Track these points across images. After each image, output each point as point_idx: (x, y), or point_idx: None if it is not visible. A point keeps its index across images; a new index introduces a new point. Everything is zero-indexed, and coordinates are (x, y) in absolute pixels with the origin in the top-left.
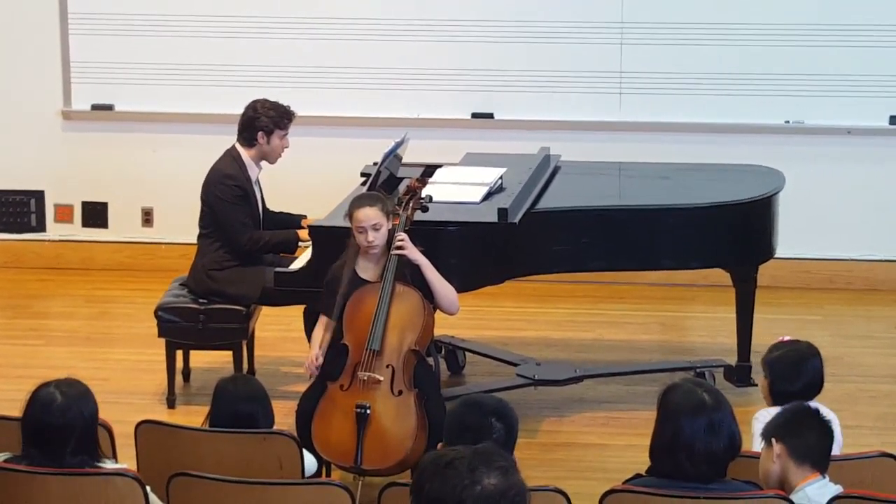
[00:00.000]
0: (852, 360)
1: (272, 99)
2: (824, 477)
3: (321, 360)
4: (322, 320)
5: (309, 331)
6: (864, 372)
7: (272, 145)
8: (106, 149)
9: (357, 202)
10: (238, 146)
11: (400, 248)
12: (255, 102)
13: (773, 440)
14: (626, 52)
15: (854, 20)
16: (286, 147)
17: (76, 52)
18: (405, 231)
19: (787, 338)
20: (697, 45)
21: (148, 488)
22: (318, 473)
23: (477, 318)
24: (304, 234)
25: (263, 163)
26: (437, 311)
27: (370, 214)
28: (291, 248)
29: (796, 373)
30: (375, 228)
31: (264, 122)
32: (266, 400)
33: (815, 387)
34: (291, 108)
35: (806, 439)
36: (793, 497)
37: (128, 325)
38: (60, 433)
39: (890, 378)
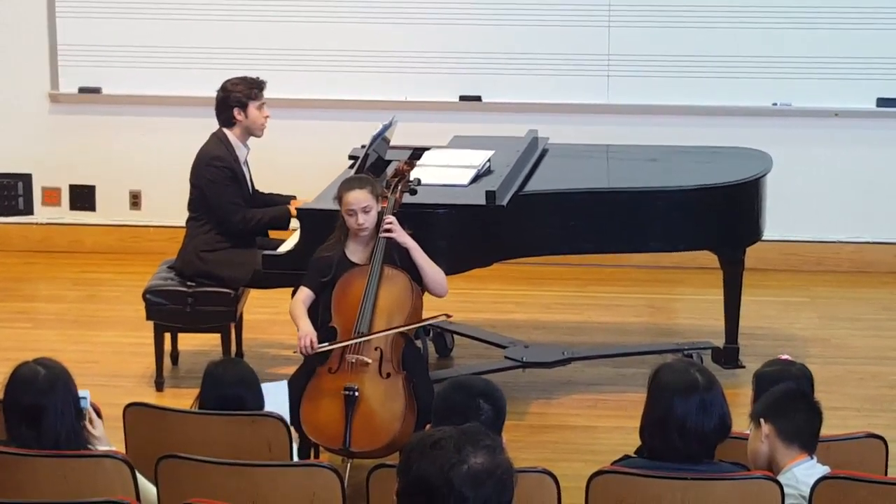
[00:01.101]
0: (840, 342)
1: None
2: (812, 458)
3: (316, 343)
4: (302, 293)
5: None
6: (851, 354)
7: (251, 118)
8: (93, 132)
9: (346, 185)
10: (225, 129)
11: (388, 230)
12: (224, 83)
13: (762, 420)
14: (614, 35)
15: (842, 3)
16: (266, 116)
17: (64, 35)
18: (394, 214)
19: (785, 356)
20: (685, 27)
21: (136, 471)
22: (305, 455)
23: (465, 300)
24: (295, 210)
25: (252, 142)
26: (426, 293)
27: (360, 197)
28: (284, 225)
29: None
30: (365, 211)
31: (236, 98)
32: (255, 384)
33: None
34: (260, 78)
35: (794, 420)
36: (780, 478)
37: (116, 307)
38: (51, 408)
39: (877, 360)
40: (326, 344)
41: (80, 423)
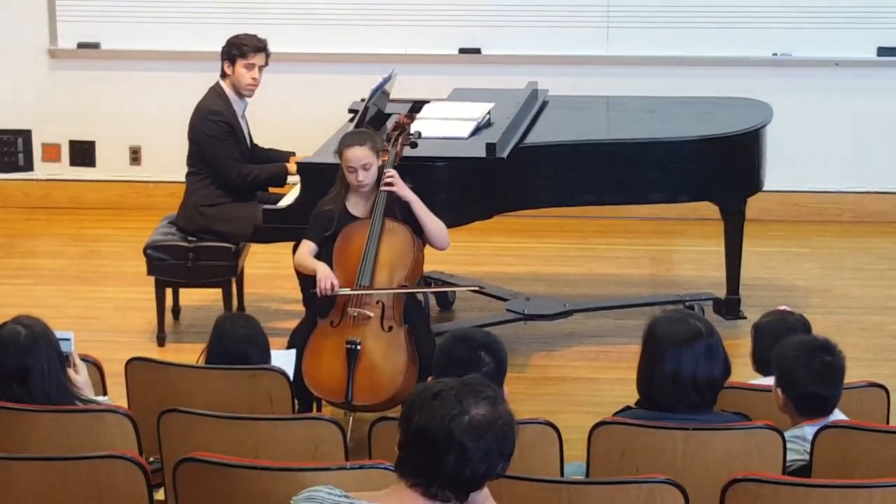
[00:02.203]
0: (841, 291)
1: (261, 36)
2: (829, 416)
3: (337, 285)
4: (306, 246)
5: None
6: (852, 304)
7: (236, 74)
8: (93, 87)
9: (347, 141)
10: (220, 81)
11: (389, 184)
12: (231, 36)
13: (778, 390)
14: None
15: None
16: (254, 78)
17: None
18: (394, 167)
19: (784, 307)
20: None
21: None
22: (308, 409)
23: (466, 253)
24: (293, 167)
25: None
26: (427, 246)
27: (360, 154)
28: (281, 182)
29: (776, 343)
30: (365, 168)
31: (228, 51)
32: (262, 341)
33: None
34: (262, 41)
35: (806, 391)
36: (790, 432)
37: (117, 263)
38: (36, 368)
39: (878, 309)
40: (348, 289)
41: (65, 372)
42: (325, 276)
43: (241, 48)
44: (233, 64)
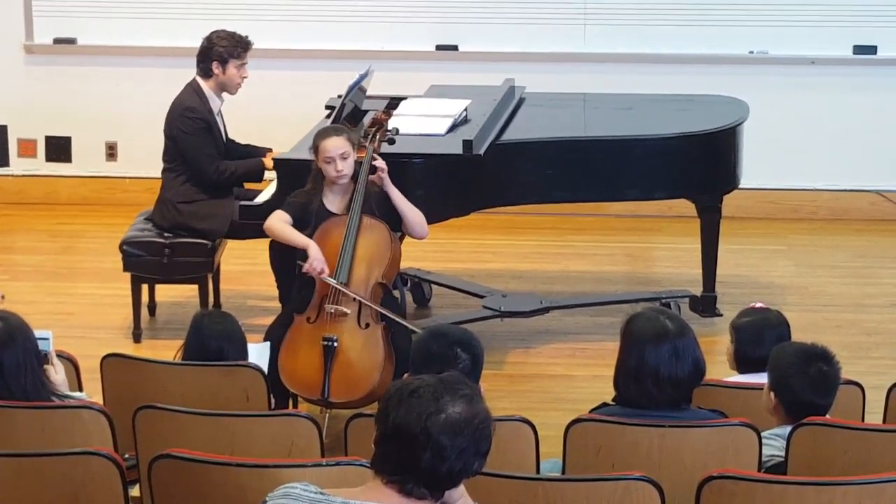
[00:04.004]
0: (817, 289)
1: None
2: None
3: (327, 272)
4: (283, 215)
5: (276, 263)
6: (828, 301)
7: (228, 75)
8: (69, 83)
9: (322, 134)
10: (198, 78)
11: (383, 169)
12: (211, 33)
13: (771, 394)
14: None
15: None
16: (244, 77)
17: None
18: (372, 163)
19: (759, 304)
20: None
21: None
22: (284, 405)
23: (443, 250)
24: (269, 162)
25: (226, 95)
26: (406, 238)
27: (338, 144)
28: (258, 177)
29: (759, 340)
30: (343, 158)
31: (218, 52)
32: (239, 339)
33: None
34: (248, 38)
35: (800, 396)
36: (771, 430)
37: (93, 259)
38: (13, 362)
39: (854, 307)
40: (334, 280)
41: (42, 370)
42: (319, 259)
43: (236, 50)
44: (223, 65)
